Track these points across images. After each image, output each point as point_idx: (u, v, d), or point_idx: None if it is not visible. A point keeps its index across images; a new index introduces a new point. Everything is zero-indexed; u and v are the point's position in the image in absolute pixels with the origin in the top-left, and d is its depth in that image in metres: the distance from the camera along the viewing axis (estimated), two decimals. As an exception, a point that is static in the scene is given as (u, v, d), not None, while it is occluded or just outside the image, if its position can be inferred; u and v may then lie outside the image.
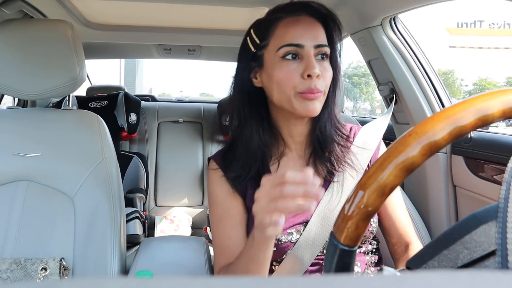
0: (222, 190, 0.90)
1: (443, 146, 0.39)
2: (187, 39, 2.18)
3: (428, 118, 0.40)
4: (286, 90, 0.81)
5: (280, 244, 0.85)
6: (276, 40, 0.83)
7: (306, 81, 0.80)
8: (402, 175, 0.39)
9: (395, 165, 0.39)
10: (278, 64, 0.82)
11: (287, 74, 0.81)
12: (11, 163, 1.12)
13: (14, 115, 1.21)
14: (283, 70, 0.81)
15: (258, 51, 0.86)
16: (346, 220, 0.42)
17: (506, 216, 0.35)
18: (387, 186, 0.40)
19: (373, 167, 0.41)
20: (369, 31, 1.38)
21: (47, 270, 1.03)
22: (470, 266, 0.36)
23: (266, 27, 0.85)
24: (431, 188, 1.34)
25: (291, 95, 0.81)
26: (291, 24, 0.82)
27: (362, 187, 0.41)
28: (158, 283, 0.20)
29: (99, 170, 1.14)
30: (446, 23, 55.42)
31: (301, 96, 0.81)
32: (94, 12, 1.80)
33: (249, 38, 0.88)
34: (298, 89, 0.80)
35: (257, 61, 0.86)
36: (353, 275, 0.58)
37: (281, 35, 0.82)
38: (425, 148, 0.39)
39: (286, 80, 0.81)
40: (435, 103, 1.33)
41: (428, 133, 0.39)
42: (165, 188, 2.44)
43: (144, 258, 1.15)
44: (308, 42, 0.81)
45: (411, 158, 0.39)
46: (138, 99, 2.51)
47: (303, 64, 0.81)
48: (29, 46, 1.15)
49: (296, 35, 0.81)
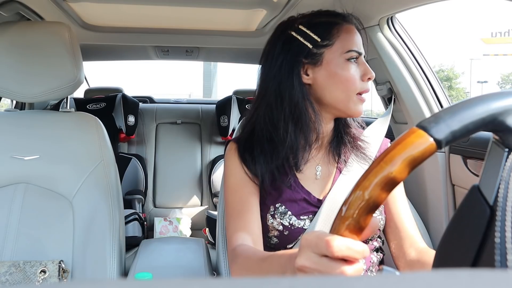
0: (238, 165, 0.93)
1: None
2: (185, 40, 2.18)
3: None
4: (350, 89, 0.88)
5: (293, 229, 0.88)
6: (343, 42, 0.89)
7: (365, 83, 0.90)
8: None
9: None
10: (344, 65, 0.89)
11: (352, 75, 0.89)
12: (9, 165, 1.12)
13: (12, 117, 1.21)
14: (349, 71, 0.89)
15: (316, 49, 0.89)
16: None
17: (505, 215, 0.35)
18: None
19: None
20: (366, 31, 1.38)
21: (46, 273, 1.02)
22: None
23: (327, 28, 0.90)
24: (429, 187, 1.34)
25: (351, 95, 0.89)
26: (352, 32, 0.91)
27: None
28: (157, 285, 0.20)
29: (97, 172, 1.14)
30: (480, 33, 56.16)
31: (358, 97, 0.90)
32: (91, 14, 1.79)
33: (299, 35, 0.90)
34: (358, 90, 0.89)
35: (312, 58, 0.89)
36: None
37: (347, 39, 0.90)
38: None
39: (352, 80, 0.88)
40: (433, 102, 1.34)
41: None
42: (164, 190, 2.44)
43: (143, 259, 1.15)
44: (363, 50, 0.92)
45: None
46: (136, 101, 2.51)
47: (361, 68, 0.90)
48: (26, 48, 1.15)
49: (358, 42, 0.91)
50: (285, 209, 0.88)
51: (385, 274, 0.36)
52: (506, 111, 0.40)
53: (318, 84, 0.90)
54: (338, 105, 0.90)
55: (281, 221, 0.88)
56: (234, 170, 0.92)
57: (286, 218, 0.88)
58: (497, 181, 0.39)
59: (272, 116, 0.90)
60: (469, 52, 52.54)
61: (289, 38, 0.91)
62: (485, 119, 0.40)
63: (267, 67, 0.93)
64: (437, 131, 0.40)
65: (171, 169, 2.46)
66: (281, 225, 0.88)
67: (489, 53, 38.10)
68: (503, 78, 37.50)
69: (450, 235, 0.44)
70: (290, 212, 0.88)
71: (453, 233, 0.44)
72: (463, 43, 67.59)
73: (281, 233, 0.88)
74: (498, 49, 37.48)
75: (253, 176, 0.90)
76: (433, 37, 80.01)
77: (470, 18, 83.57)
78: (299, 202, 0.89)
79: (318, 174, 0.94)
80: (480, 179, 0.42)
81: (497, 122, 0.40)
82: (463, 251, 0.41)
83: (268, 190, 0.90)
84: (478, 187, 0.41)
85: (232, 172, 0.93)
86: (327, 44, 0.89)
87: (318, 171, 0.94)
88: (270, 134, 0.91)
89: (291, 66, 0.89)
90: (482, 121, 0.40)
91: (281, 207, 0.89)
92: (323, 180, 0.94)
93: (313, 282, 0.20)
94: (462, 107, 0.41)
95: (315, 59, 0.89)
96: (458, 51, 60.40)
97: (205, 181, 2.46)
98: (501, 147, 0.41)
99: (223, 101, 2.56)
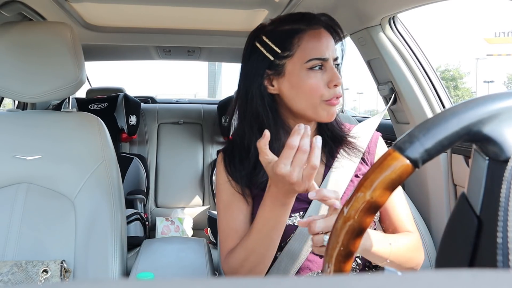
0: (225, 181, 0.94)
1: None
2: (186, 40, 2.19)
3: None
4: (314, 99, 0.87)
5: (285, 226, 0.88)
6: (303, 52, 0.87)
7: (332, 89, 0.88)
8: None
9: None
10: (306, 75, 0.87)
11: (315, 84, 0.87)
12: (11, 165, 1.12)
13: (14, 117, 1.21)
14: (311, 80, 0.87)
15: (277, 60, 0.89)
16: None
17: (507, 215, 0.35)
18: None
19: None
20: (368, 31, 1.38)
21: (48, 273, 1.02)
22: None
23: (288, 38, 0.89)
24: (431, 187, 1.34)
25: (318, 103, 0.88)
26: (315, 38, 0.88)
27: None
28: (159, 285, 0.20)
29: (99, 172, 1.14)
30: (484, 33, 56.08)
31: (326, 103, 0.88)
32: (93, 14, 1.80)
33: (262, 46, 0.90)
34: (325, 97, 0.87)
35: (275, 69, 0.89)
36: (353, 275, 0.59)
37: (308, 47, 0.88)
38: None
39: (315, 90, 0.87)
40: (435, 102, 1.33)
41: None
42: (166, 190, 2.44)
43: (145, 259, 1.15)
44: (331, 54, 0.88)
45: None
46: (138, 101, 2.51)
47: (327, 74, 0.88)
48: (28, 48, 1.15)
49: (321, 49, 0.88)
50: None
51: (386, 274, 0.36)
52: (480, 120, 0.39)
53: (284, 94, 0.90)
54: (306, 114, 0.89)
55: None
56: (223, 186, 0.94)
57: None
58: (482, 190, 0.39)
59: (242, 125, 0.94)
60: (473, 52, 52.46)
61: (254, 48, 0.92)
62: (460, 132, 0.39)
63: (240, 74, 0.95)
64: (411, 151, 0.39)
65: (173, 169, 2.46)
66: None
67: (492, 53, 38.13)
68: (510, 78, 37.41)
69: (445, 244, 0.44)
70: None
71: (447, 241, 0.44)
72: (467, 43, 67.54)
73: None
74: (501, 49, 37.51)
75: (239, 187, 0.92)
76: (439, 37, 79.98)
77: (474, 18, 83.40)
78: None
79: None
80: (467, 187, 0.42)
81: (473, 133, 0.39)
82: (458, 260, 0.41)
83: (255, 193, 0.92)
84: (466, 196, 0.41)
85: (222, 187, 0.94)
86: (287, 55, 0.88)
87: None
88: (242, 140, 0.93)
89: (254, 77, 0.91)
90: (457, 134, 0.39)
91: None
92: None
93: (313, 282, 0.20)
94: (434, 123, 0.40)
95: (278, 70, 0.89)
96: (462, 51, 60.26)
97: (206, 181, 2.46)
98: (482, 155, 0.40)
99: (224, 101, 2.56)
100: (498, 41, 36.68)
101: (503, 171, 0.37)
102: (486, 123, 0.39)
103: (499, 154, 0.38)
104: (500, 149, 0.38)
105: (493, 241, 0.35)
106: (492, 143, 0.38)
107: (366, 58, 1.50)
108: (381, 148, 0.99)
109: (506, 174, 0.36)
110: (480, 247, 0.38)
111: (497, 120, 0.39)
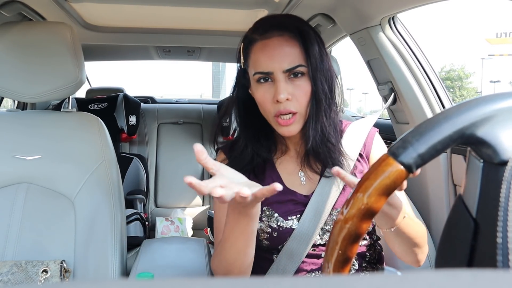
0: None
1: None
2: (186, 40, 2.19)
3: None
4: (265, 112, 0.87)
5: (281, 230, 0.88)
6: (251, 65, 0.87)
7: (277, 104, 0.83)
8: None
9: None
10: (256, 88, 0.87)
11: (262, 97, 0.85)
12: (11, 165, 1.12)
13: (14, 117, 1.21)
14: (259, 93, 0.86)
15: (246, 70, 0.90)
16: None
17: (507, 215, 0.35)
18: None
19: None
20: (368, 31, 1.38)
21: (48, 273, 1.02)
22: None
23: (245, 49, 0.89)
24: (431, 188, 1.34)
25: (270, 118, 0.86)
26: (260, 51, 0.85)
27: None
28: (159, 285, 0.20)
29: (99, 172, 1.14)
30: (485, 33, 56.22)
31: (276, 119, 0.84)
32: (93, 15, 1.80)
33: (240, 55, 0.92)
34: (271, 113, 0.85)
35: (246, 78, 0.90)
36: (353, 275, 0.59)
37: (254, 60, 0.86)
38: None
39: (263, 103, 0.86)
40: (435, 102, 1.33)
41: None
42: (166, 190, 2.44)
43: (145, 259, 1.15)
44: (277, 67, 0.82)
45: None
46: (138, 101, 2.51)
47: (275, 87, 0.83)
48: (28, 48, 1.15)
49: (265, 62, 0.84)
50: (271, 211, 0.89)
51: (386, 274, 0.36)
52: (473, 124, 0.38)
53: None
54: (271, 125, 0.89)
55: (269, 223, 0.88)
56: None
57: (273, 220, 0.88)
58: (477, 192, 0.39)
59: (238, 125, 0.95)
60: (477, 52, 52.49)
61: (238, 56, 0.93)
62: (453, 136, 0.38)
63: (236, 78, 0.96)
64: (405, 156, 0.39)
65: (173, 169, 2.46)
66: (269, 227, 0.88)
67: (494, 53, 38.15)
68: (515, 78, 37.31)
69: (443, 246, 0.44)
70: (277, 214, 0.89)
71: (445, 244, 0.44)
72: (469, 44, 67.63)
73: (270, 235, 0.89)
74: (503, 49, 37.52)
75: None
76: (441, 38, 79.99)
77: (474, 19, 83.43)
78: (286, 203, 0.90)
79: (302, 180, 0.93)
80: (463, 190, 0.42)
81: (466, 136, 0.39)
82: (456, 262, 0.41)
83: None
84: (462, 198, 0.41)
85: None
86: (246, 67, 0.89)
87: (302, 176, 0.93)
88: (239, 139, 0.94)
89: (237, 83, 0.92)
90: (450, 138, 0.39)
91: (268, 210, 0.89)
92: (308, 183, 0.93)
93: (313, 282, 0.20)
94: (427, 128, 0.39)
95: (247, 78, 0.90)
96: (465, 51, 60.33)
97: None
98: (477, 158, 0.40)
99: (224, 101, 2.56)
100: (500, 42, 36.72)
101: (498, 173, 0.37)
102: (479, 126, 0.38)
103: (493, 156, 0.38)
104: (494, 152, 0.38)
105: (490, 243, 0.35)
106: (486, 146, 0.38)
107: (366, 58, 1.50)
108: (377, 143, 0.97)
109: (506, 174, 0.36)
110: (477, 249, 0.38)
111: (490, 122, 0.39)
